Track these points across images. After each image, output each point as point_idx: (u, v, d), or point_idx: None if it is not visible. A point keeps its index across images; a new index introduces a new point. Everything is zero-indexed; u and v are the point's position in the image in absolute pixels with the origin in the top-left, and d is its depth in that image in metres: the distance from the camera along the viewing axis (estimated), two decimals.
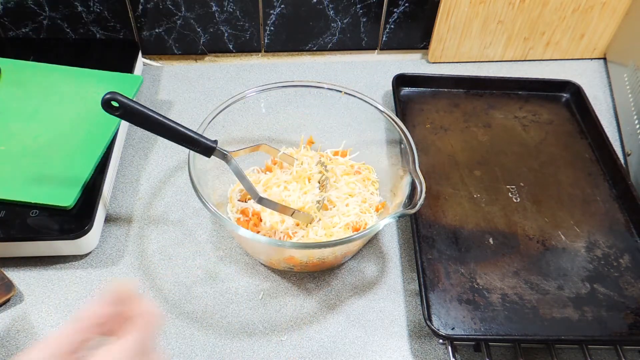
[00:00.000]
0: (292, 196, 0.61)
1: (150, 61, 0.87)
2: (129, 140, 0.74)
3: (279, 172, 0.65)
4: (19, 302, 0.57)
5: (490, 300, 0.57)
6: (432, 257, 0.61)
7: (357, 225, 0.60)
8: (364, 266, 0.62)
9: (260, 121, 0.67)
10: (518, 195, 0.67)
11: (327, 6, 0.82)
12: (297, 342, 0.55)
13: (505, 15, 0.83)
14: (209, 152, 0.55)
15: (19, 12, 0.79)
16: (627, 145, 0.76)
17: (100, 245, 0.62)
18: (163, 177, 0.70)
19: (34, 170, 0.62)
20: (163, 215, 0.66)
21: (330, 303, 0.59)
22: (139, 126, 0.51)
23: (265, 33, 0.85)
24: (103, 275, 0.60)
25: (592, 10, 0.83)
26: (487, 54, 0.89)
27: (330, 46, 0.88)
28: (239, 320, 0.57)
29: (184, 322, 0.56)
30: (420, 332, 0.56)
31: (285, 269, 0.61)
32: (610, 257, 0.62)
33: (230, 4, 0.81)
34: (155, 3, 0.80)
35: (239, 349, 0.55)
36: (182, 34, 0.84)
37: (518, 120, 0.77)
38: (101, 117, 0.63)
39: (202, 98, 0.81)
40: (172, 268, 0.61)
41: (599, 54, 0.90)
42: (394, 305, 0.59)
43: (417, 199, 0.52)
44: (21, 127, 0.67)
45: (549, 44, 0.88)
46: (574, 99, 0.80)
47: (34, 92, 0.71)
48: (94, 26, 0.82)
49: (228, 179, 0.64)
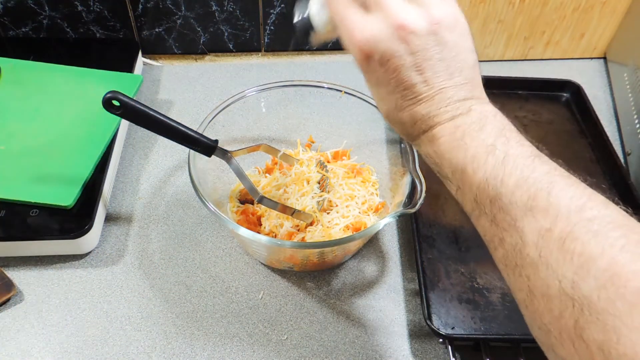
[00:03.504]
0: (291, 198, 0.61)
1: (150, 61, 0.87)
2: (129, 140, 0.74)
3: (278, 174, 0.65)
4: (19, 302, 0.57)
5: (490, 299, 0.57)
6: (432, 256, 0.61)
7: (357, 226, 0.60)
8: (364, 266, 0.62)
9: (260, 121, 0.67)
10: None
11: None
12: (297, 342, 0.55)
13: (505, 15, 0.83)
14: (209, 152, 0.55)
15: (19, 12, 0.79)
16: (627, 145, 0.76)
17: (100, 245, 0.62)
18: (163, 176, 0.70)
19: (34, 170, 0.62)
20: (163, 215, 0.66)
21: (330, 303, 0.59)
22: (140, 125, 0.51)
23: (265, 32, 0.85)
24: (103, 275, 0.60)
25: (592, 10, 0.83)
26: (487, 54, 0.89)
27: (330, 46, 0.88)
28: (239, 320, 0.57)
29: (184, 322, 0.56)
30: (420, 331, 0.56)
31: (285, 268, 0.61)
32: None
33: (230, 4, 0.81)
34: (155, 2, 0.80)
35: (239, 348, 0.55)
36: (182, 34, 0.84)
37: (518, 120, 0.76)
38: (101, 116, 0.63)
39: (202, 97, 0.81)
40: (172, 268, 0.61)
41: (599, 53, 0.90)
42: (394, 305, 0.59)
43: (417, 199, 0.52)
44: (21, 127, 0.67)
45: (549, 44, 0.88)
46: (574, 98, 0.80)
47: (34, 91, 0.71)
48: (94, 26, 0.82)
49: (228, 178, 0.64)
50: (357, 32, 0.35)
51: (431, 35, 0.34)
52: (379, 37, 0.34)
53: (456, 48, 0.35)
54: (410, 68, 0.35)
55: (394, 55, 0.34)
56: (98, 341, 0.55)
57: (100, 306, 0.57)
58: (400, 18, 0.34)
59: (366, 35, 0.34)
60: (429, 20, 0.34)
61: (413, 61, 0.34)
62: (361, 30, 0.35)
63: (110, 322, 0.56)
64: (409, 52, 0.34)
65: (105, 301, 0.58)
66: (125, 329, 0.56)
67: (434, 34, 0.34)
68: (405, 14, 0.34)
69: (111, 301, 0.58)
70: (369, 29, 0.34)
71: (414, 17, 0.34)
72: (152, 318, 0.57)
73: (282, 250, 0.56)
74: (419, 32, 0.34)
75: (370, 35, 0.34)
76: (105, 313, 0.57)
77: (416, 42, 0.34)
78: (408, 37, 0.34)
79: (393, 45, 0.34)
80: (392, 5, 0.34)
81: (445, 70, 0.35)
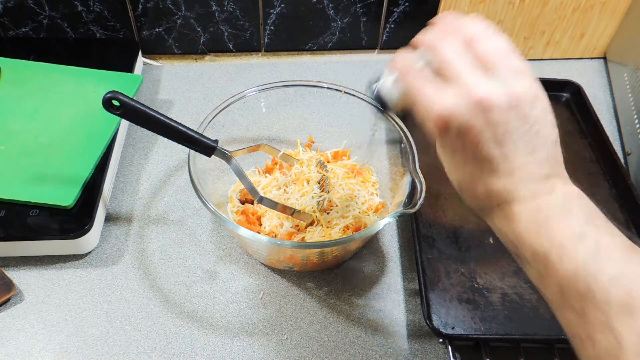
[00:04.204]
0: (291, 198, 0.61)
1: (150, 60, 0.87)
2: (129, 140, 0.74)
3: (278, 174, 0.65)
4: (19, 302, 0.57)
5: (490, 299, 0.57)
6: (432, 256, 0.61)
7: (357, 226, 0.60)
8: (364, 266, 0.62)
9: (261, 120, 0.67)
10: None
11: (327, 6, 0.82)
12: (298, 342, 0.55)
13: (505, 15, 0.83)
14: (209, 152, 0.55)
15: (19, 12, 0.79)
16: (627, 145, 0.76)
17: (100, 245, 0.62)
18: (163, 176, 0.70)
19: (34, 170, 0.62)
20: (163, 214, 0.66)
21: (330, 303, 0.59)
22: (140, 125, 0.51)
23: (265, 32, 0.85)
24: (103, 275, 0.60)
25: (592, 10, 0.83)
26: None
27: (330, 46, 0.88)
28: (239, 320, 0.57)
29: (184, 322, 0.56)
30: (420, 331, 0.56)
31: (285, 268, 0.61)
32: None
33: (230, 4, 0.81)
34: (155, 2, 0.80)
35: (239, 348, 0.55)
36: (182, 34, 0.84)
37: None
38: (101, 116, 0.63)
39: (202, 97, 0.81)
40: (172, 268, 0.61)
41: (599, 53, 0.90)
42: (394, 305, 0.59)
43: (417, 199, 0.52)
44: (21, 127, 0.67)
45: (549, 44, 0.88)
46: (574, 98, 0.80)
47: (34, 91, 0.71)
48: (94, 25, 0.82)
49: (228, 178, 0.64)
50: (434, 105, 0.34)
51: (512, 110, 0.33)
52: (457, 111, 0.33)
53: (538, 124, 0.34)
54: (490, 141, 0.33)
55: (473, 127, 0.33)
56: (98, 341, 0.55)
57: (100, 306, 0.57)
58: (480, 92, 0.33)
59: (444, 108, 0.33)
60: (509, 95, 0.33)
61: (493, 135, 0.33)
62: (439, 103, 0.33)
63: (110, 322, 0.56)
64: (488, 125, 0.33)
65: (105, 301, 0.58)
66: (125, 329, 0.56)
67: (515, 108, 0.33)
68: (485, 88, 0.33)
69: (111, 301, 0.58)
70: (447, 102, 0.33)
71: (494, 91, 0.33)
72: (152, 318, 0.57)
73: (282, 250, 0.56)
74: (499, 107, 0.33)
75: (448, 108, 0.33)
76: (105, 313, 0.57)
77: (496, 116, 0.33)
78: (488, 111, 0.33)
79: (472, 119, 0.33)
80: (470, 80, 0.33)
81: (526, 145, 0.34)
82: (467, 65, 0.34)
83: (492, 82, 0.33)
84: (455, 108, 0.33)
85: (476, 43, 0.34)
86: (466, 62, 0.34)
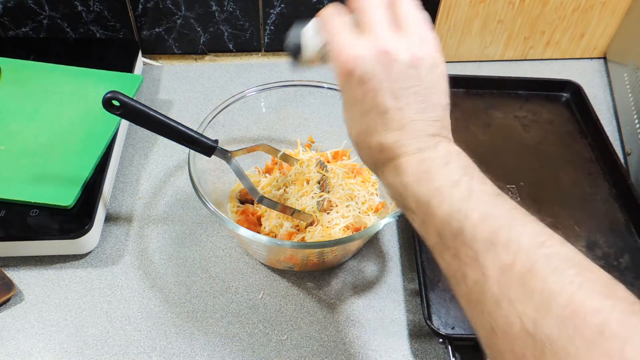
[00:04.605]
0: (291, 198, 0.61)
1: (150, 60, 0.87)
2: (129, 140, 0.74)
3: (278, 174, 0.65)
4: (19, 302, 0.57)
5: None
6: (432, 256, 0.60)
7: (357, 226, 0.60)
8: (364, 266, 0.62)
9: (260, 120, 0.67)
10: (518, 195, 0.67)
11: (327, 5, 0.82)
12: (298, 342, 0.55)
13: (505, 15, 0.83)
14: (209, 152, 0.55)
15: (19, 12, 0.79)
16: (627, 145, 0.76)
17: (100, 245, 0.62)
18: (163, 176, 0.70)
19: (34, 170, 0.62)
20: (163, 214, 0.66)
21: (330, 303, 0.59)
22: (140, 125, 0.52)
23: (266, 32, 0.85)
24: (103, 275, 0.60)
25: (592, 10, 0.83)
26: (487, 54, 0.89)
27: None
28: (239, 320, 0.57)
29: (184, 322, 0.56)
30: (420, 331, 0.56)
31: (285, 268, 0.61)
32: (610, 256, 0.62)
33: (230, 4, 0.81)
34: (155, 2, 0.80)
35: (239, 348, 0.55)
36: (182, 34, 0.84)
37: (518, 120, 0.76)
38: (101, 116, 0.63)
39: (202, 97, 0.81)
40: (172, 268, 0.61)
41: (599, 53, 0.90)
42: (394, 305, 0.59)
43: None
44: (21, 127, 0.67)
45: (549, 44, 0.88)
46: (574, 98, 0.80)
47: (34, 91, 0.71)
48: (94, 26, 0.82)
49: (228, 178, 0.64)
50: (344, 50, 0.37)
51: (411, 68, 0.36)
52: (362, 57, 0.36)
53: (432, 87, 0.37)
54: (387, 92, 0.36)
55: (373, 75, 0.36)
56: (98, 341, 0.55)
57: (100, 306, 0.57)
58: (386, 44, 0.36)
59: (351, 53, 0.36)
60: (413, 54, 0.36)
61: (390, 87, 0.36)
62: (349, 48, 0.37)
63: (110, 322, 0.56)
64: (388, 77, 0.36)
65: (105, 301, 0.58)
66: (125, 329, 0.56)
67: (415, 67, 0.36)
68: (392, 42, 0.36)
69: (111, 301, 0.58)
70: (356, 49, 0.36)
71: (400, 47, 0.36)
72: (152, 318, 0.57)
73: (282, 250, 0.56)
74: (400, 61, 0.36)
75: (356, 53, 0.36)
76: (105, 313, 0.57)
77: (397, 70, 0.36)
78: (390, 63, 0.36)
79: (375, 68, 0.36)
80: (381, 32, 0.36)
81: (419, 104, 0.37)
82: (383, 21, 0.37)
83: (402, 40, 0.36)
84: (362, 54, 0.36)
85: (399, 7, 0.37)
86: (383, 18, 0.37)
